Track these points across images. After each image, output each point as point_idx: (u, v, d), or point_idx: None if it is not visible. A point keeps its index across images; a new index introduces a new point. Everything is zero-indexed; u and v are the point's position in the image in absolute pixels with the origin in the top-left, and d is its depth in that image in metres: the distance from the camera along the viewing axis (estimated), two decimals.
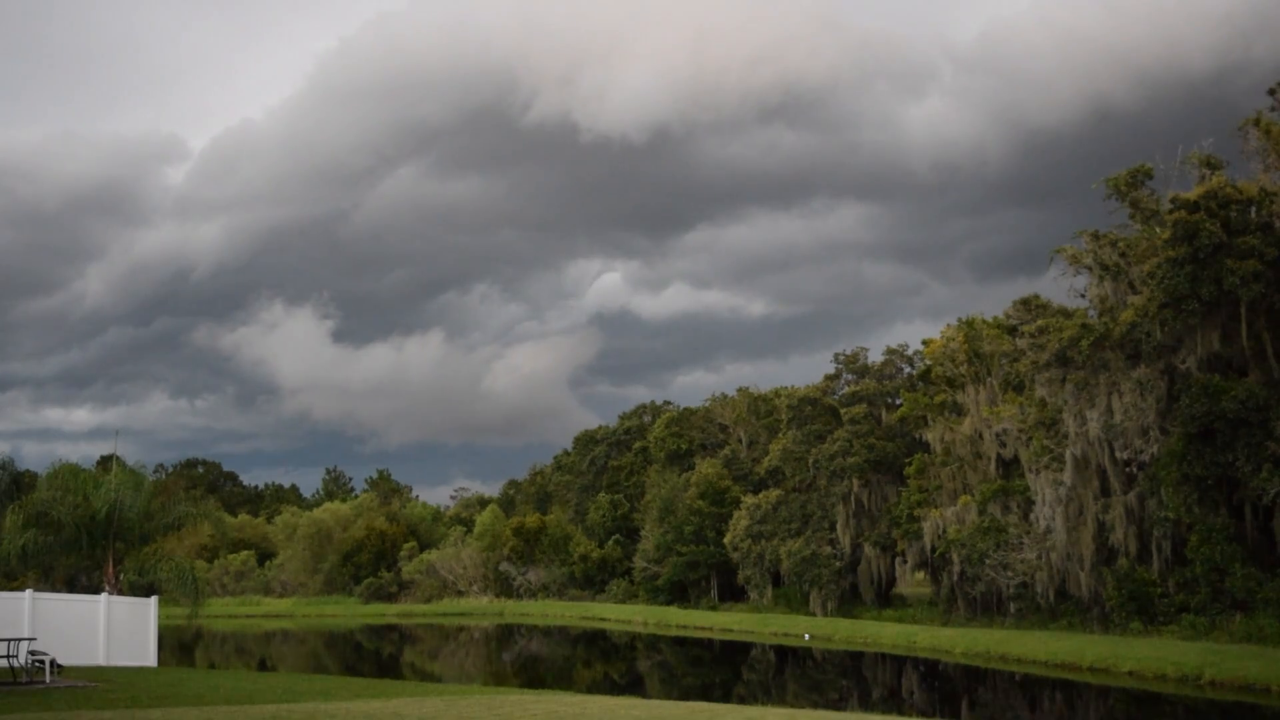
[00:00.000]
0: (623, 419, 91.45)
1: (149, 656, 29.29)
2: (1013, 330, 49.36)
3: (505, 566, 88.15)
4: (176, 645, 54.73)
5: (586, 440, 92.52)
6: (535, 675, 43.78)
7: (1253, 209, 37.13)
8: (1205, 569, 36.95)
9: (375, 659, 54.69)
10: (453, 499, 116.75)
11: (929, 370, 56.52)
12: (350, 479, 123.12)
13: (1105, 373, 40.86)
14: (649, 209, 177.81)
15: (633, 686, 37.84)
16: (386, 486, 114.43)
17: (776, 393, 74.33)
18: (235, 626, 77.10)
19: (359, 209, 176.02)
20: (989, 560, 45.85)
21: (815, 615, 57.93)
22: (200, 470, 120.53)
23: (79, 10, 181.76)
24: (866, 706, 30.30)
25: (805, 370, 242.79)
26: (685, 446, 79.95)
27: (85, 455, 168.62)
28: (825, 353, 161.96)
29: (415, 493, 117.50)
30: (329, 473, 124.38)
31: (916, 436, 55.66)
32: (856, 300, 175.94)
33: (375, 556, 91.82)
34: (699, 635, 59.54)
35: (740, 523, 64.71)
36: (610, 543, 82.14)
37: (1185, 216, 36.64)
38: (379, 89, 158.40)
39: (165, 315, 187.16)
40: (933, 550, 50.73)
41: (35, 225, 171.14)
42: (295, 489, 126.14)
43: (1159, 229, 39.29)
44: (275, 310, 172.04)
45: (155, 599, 30.07)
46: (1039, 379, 44.18)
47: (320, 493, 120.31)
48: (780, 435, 66.43)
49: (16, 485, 37.64)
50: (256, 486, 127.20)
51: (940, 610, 52.48)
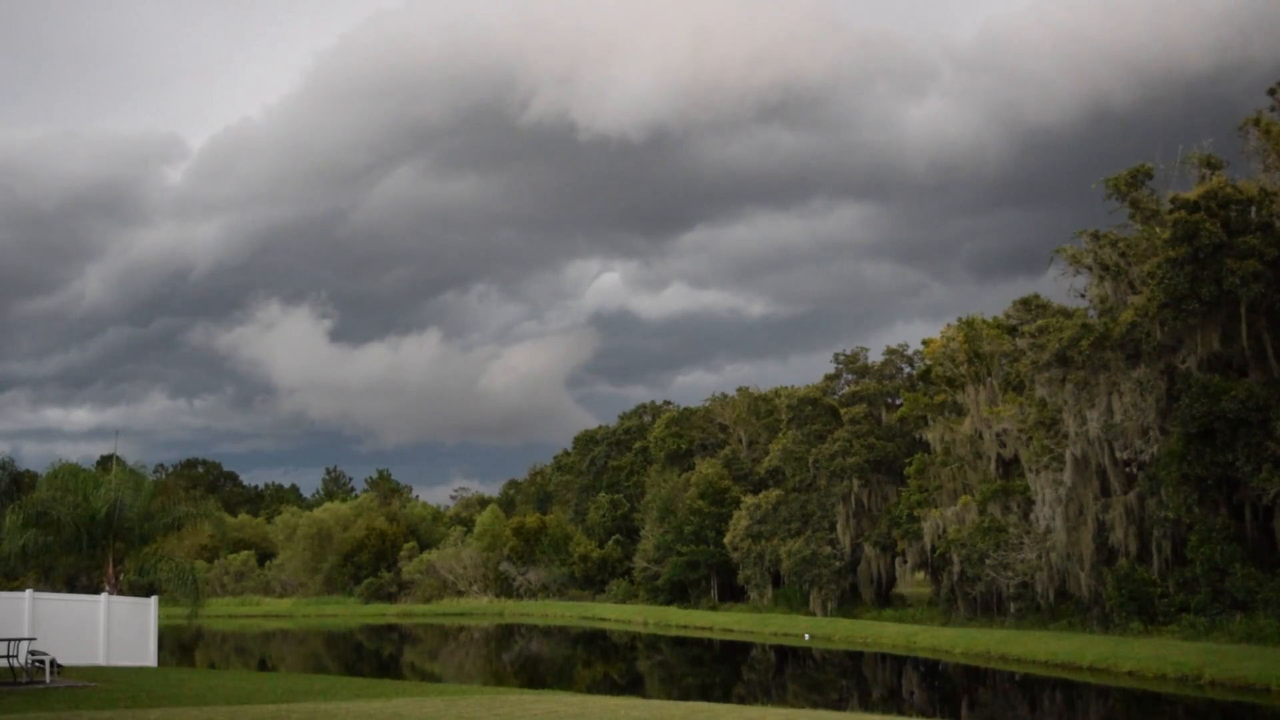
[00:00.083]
0: (623, 419, 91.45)
1: (149, 656, 29.29)
2: (1013, 330, 49.37)
3: (505, 566, 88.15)
4: (176, 645, 54.70)
5: (586, 440, 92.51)
6: (535, 675, 43.77)
7: (1253, 209, 37.14)
8: (1205, 569, 36.95)
9: (375, 659, 54.67)
10: (453, 499, 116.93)
11: (929, 370, 56.52)
12: (350, 479, 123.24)
13: (1105, 373, 40.86)
14: (648, 209, 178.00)
15: (633, 686, 37.83)
16: (386, 486, 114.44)
17: (776, 393, 74.33)
18: (235, 626, 77.08)
19: (357, 208, 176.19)
20: (989, 560, 45.85)
21: (815, 615, 57.93)
22: (200, 470, 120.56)
23: (78, 9, 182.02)
24: (866, 706, 30.29)
25: (805, 370, 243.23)
26: (685, 446, 79.96)
27: (85, 455, 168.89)
28: (825, 353, 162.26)
29: (414, 493, 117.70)
30: (329, 473, 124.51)
31: (916, 436, 55.67)
32: (856, 300, 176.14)
33: (375, 556, 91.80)
34: (699, 635, 59.52)
35: (740, 523, 64.72)
36: (610, 543, 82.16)
37: (1185, 216, 36.65)
38: (377, 88, 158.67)
39: (164, 315, 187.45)
40: (933, 550, 50.73)
41: (34, 225, 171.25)
42: (295, 489, 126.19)
43: (1159, 229, 39.29)
44: (274, 310, 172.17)
45: (155, 599, 30.07)
46: (1039, 379, 44.19)
47: (320, 493, 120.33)
48: (780, 435, 66.43)
49: (16, 485, 37.72)
50: (256, 486, 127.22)
51: (940, 610, 52.47)
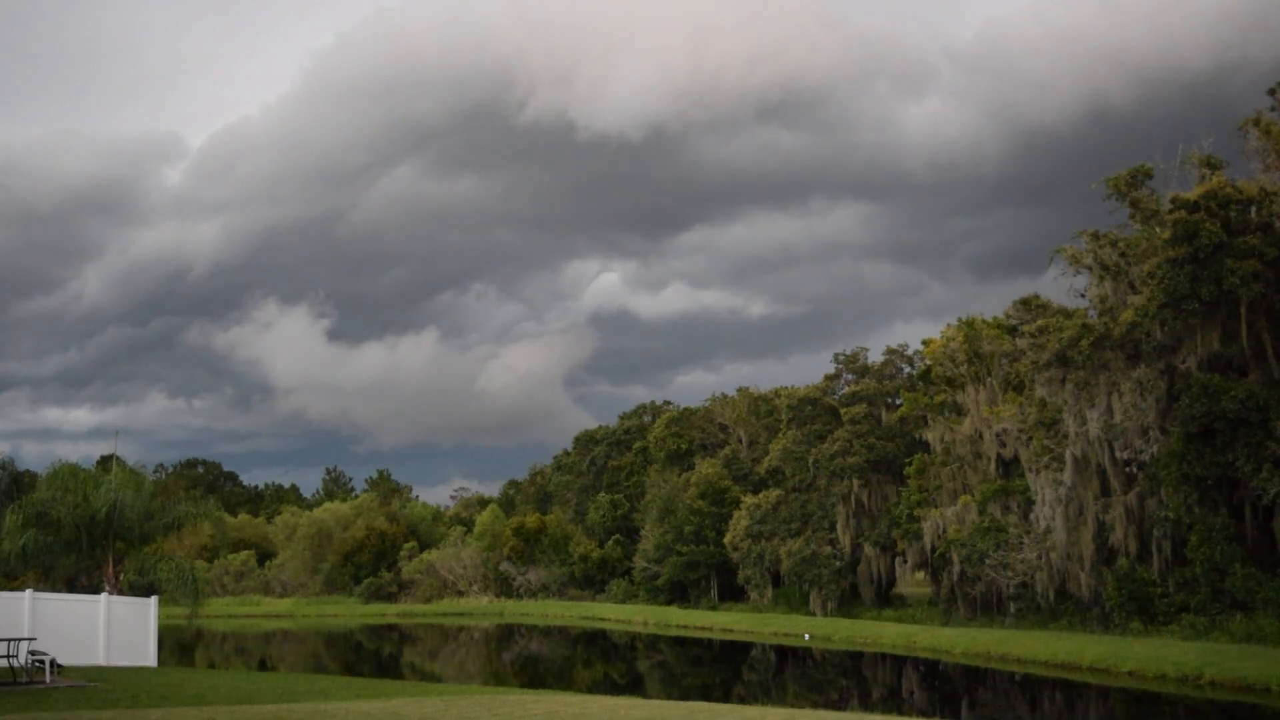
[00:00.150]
0: (623, 419, 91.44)
1: (149, 656, 29.29)
2: (1013, 330, 49.37)
3: (505, 566, 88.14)
4: (176, 645, 54.69)
5: (586, 440, 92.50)
6: (535, 675, 43.77)
7: (1253, 209, 37.13)
8: (1205, 569, 36.94)
9: (375, 659, 54.67)
10: (453, 499, 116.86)
11: (929, 370, 56.51)
12: (350, 479, 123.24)
13: (1105, 373, 40.86)
14: (646, 209, 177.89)
15: (633, 686, 37.83)
16: (386, 486, 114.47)
17: (776, 393, 74.33)
18: (235, 626, 77.08)
19: (355, 209, 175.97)
20: (989, 560, 45.85)
21: (815, 615, 57.93)
22: (200, 470, 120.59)
23: (78, 8, 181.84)
24: (866, 706, 30.29)
25: (805, 370, 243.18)
26: (685, 446, 79.96)
27: (85, 455, 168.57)
28: (825, 353, 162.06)
29: (414, 493, 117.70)
30: (329, 473, 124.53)
31: (916, 436, 55.67)
32: (855, 300, 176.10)
33: (375, 556, 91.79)
34: (699, 635, 59.53)
35: (740, 523, 64.72)
36: (610, 543, 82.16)
37: (1185, 216, 36.64)
38: (376, 87, 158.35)
39: (163, 315, 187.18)
40: (933, 550, 50.73)
41: (33, 224, 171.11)
42: (295, 489, 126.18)
43: (1159, 229, 39.28)
44: (273, 310, 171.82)
45: (155, 599, 30.07)
46: (1039, 379, 44.18)
47: (320, 493, 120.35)
48: (780, 435, 66.42)
49: (16, 485, 37.68)
50: (256, 486, 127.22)
51: (940, 610, 52.47)
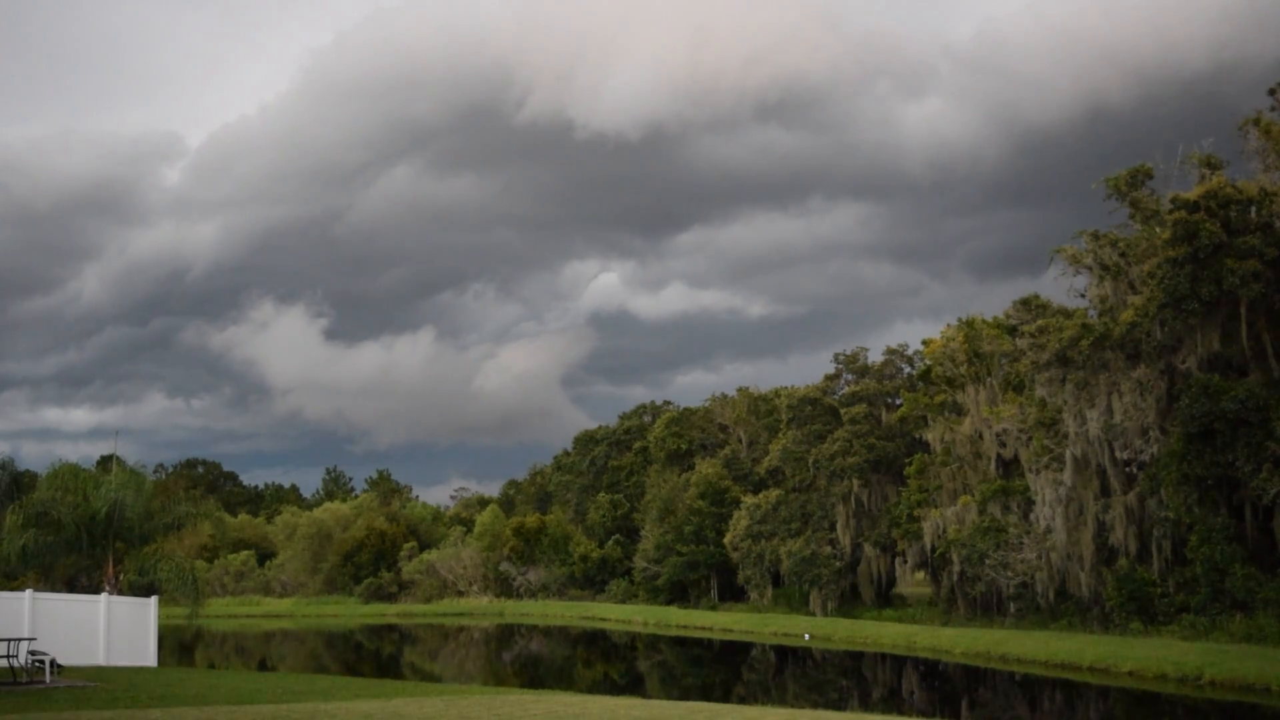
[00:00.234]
0: (623, 419, 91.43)
1: (149, 656, 29.28)
2: (1013, 330, 49.37)
3: (505, 566, 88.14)
4: (176, 645, 54.68)
5: (586, 440, 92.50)
6: (535, 675, 43.77)
7: (1253, 209, 37.14)
8: (1205, 569, 36.95)
9: (375, 659, 54.67)
10: (453, 499, 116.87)
11: (929, 370, 56.53)
12: (350, 479, 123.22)
13: (1105, 373, 40.86)
14: (645, 209, 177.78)
15: (633, 686, 37.82)
16: (386, 486, 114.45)
17: (776, 393, 74.31)
18: (235, 626, 77.08)
19: (353, 208, 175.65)
20: (989, 560, 45.85)
21: (815, 615, 57.93)
22: (200, 470, 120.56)
23: (77, 7, 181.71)
24: (866, 706, 30.29)
25: (804, 370, 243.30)
26: (685, 446, 79.96)
27: (84, 455, 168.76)
28: (824, 353, 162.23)
29: (414, 493, 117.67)
30: (329, 473, 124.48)
31: (916, 436, 55.68)
32: (855, 300, 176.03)
33: (375, 556, 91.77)
34: (699, 635, 59.52)
35: (740, 523, 64.72)
36: (610, 543, 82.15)
37: (1185, 216, 36.65)
38: (374, 85, 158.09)
39: (162, 315, 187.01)
40: (933, 550, 50.73)
41: (31, 224, 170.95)
42: (295, 489, 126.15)
43: (1159, 229, 39.29)
44: (271, 310, 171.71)
45: (155, 599, 30.06)
46: (1039, 379, 44.20)
47: (320, 493, 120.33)
48: (780, 435, 66.43)
49: (16, 485, 37.62)
50: (256, 486, 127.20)
51: (940, 610, 52.48)
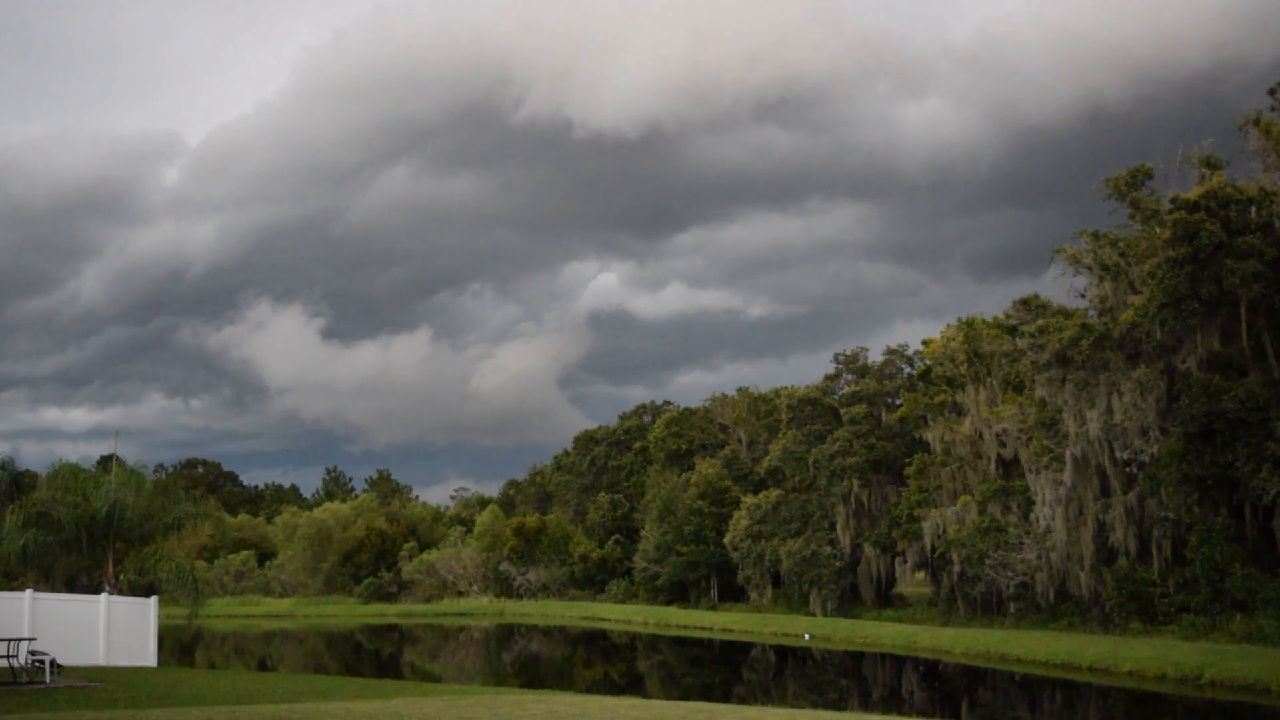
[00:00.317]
0: (623, 419, 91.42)
1: (149, 656, 29.28)
2: (1013, 330, 49.37)
3: (505, 566, 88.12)
4: (176, 645, 54.67)
5: (586, 440, 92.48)
6: (535, 675, 43.77)
7: (1253, 209, 37.14)
8: (1205, 569, 36.95)
9: (375, 659, 54.67)
10: (452, 499, 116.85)
11: (929, 370, 56.53)
12: (350, 479, 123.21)
13: (1105, 373, 40.86)
14: (644, 208, 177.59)
15: (633, 686, 37.83)
16: (386, 486, 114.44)
17: (776, 393, 74.30)
18: (235, 626, 77.07)
19: (351, 207, 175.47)
20: (989, 560, 45.85)
21: (815, 615, 57.92)
22: (200, 470, 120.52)
23: (76, 6, 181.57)
24: (866, 706, 30.30)
25: (804, 370, 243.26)
26: (685, 446, 79.95)
27: (84, 455, 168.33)
28: (824, 353, 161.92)
29: (414, 493, 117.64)
30: (329, 473, 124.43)
31: (916, 436, 55.68)
32: (854, 300, 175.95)
33: (375, 556, 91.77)
34: (699, 635, 59.51)
35: (740, 523, 64.71)
36: (610, 543, 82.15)
37: (1185, 216, 36.65)
38: (372, 84, 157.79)
39: (161, 315, 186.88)
40: (933, 550, 50.73)
41: (30, 223, 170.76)
42: (295, 489, 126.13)
43: (1159, 229, 39.29)
44: (269, 310, 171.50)
45: (155, 599, 30.06)
46: (1039, 379, 44.20)
47: (320, 493, 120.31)
48: (780, 435, 66.43)
49: (16, 485, 37.65)
50: (256, 486, 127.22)
51: (940, 610, 52.47)
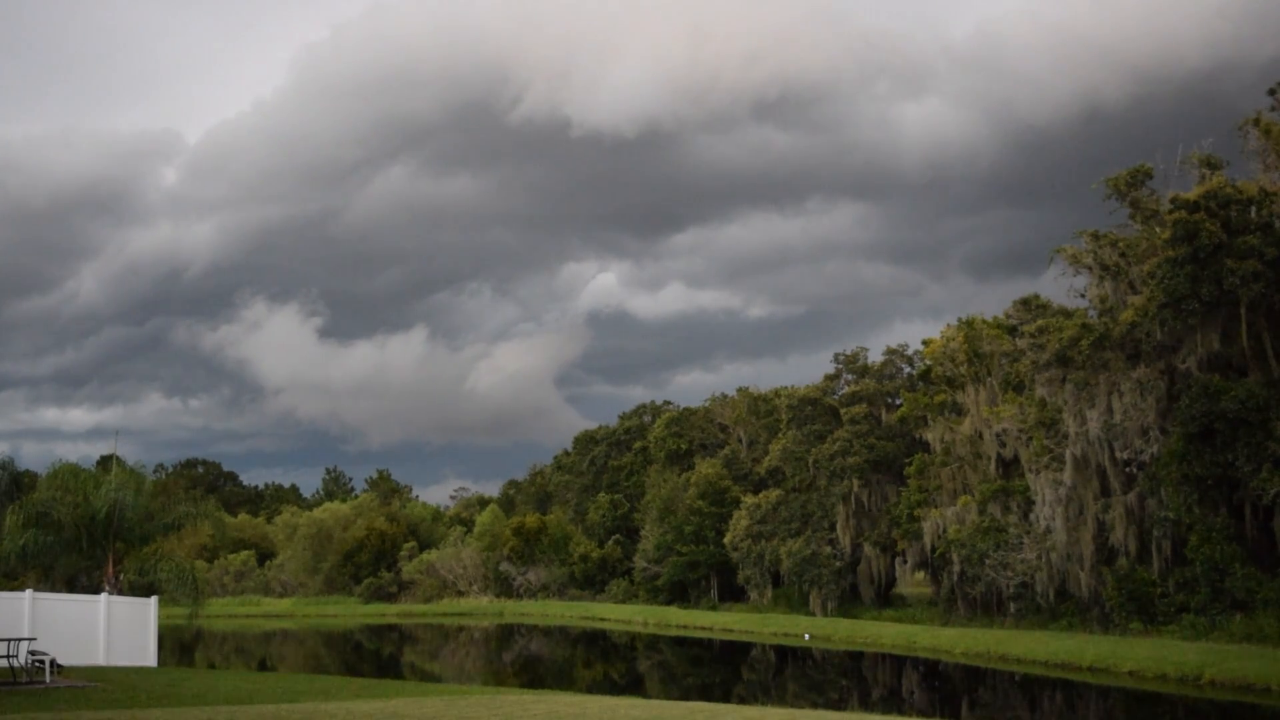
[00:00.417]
0: (623, 419, 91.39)
1: (149, 656, 29.28)
2: (1013, 330, 49.38)
3: (505, 566, 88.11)
4: (176, 645, 54.68)
5: (586, 440, 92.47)
6: (535, 675, 43.78)
7: (1253, 209, 37.14)
8: (1205, 569, 36.95)
9: (375, 659, 54.67)
10: (452, 499, 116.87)
11: (929, 370, 56.53)
12: (350, 479, 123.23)
13: (1105, 373, 40.86)
14: (642, 208, 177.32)
15: (633, 686, 37.83)
16: (386, 486, 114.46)
17: (776, 393, 74.28)
18: (235, 626, 77.08)
19: (350, 206, 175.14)
20: (989, 560, 45.84)
21: (815, 615, 57.92)
22: (200, 470, 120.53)
23: (75, 5, 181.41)
24: (866, 706, 30.30)
25: (804, 370, 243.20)
26: (685, 446, 79.93)
27: (84, 455, 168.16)
28: (823, 353, 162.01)
29: (414, 493, 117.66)
30: (329, 473, 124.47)
31: (916, 436, 55.66)
32: (853, 300, 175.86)
33: (375, 556, 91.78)
34: (699, 635, 59.53)
35: (740, 523, 64.71)
36: (610, 543, 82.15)
37: (1185, 216, 36.65)
38: (369, 82, 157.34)
39: (160, 315, 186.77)
40: (933, 550, 50.72)
41: (28, 222, 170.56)
42: (295, 489, 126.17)
43: (1159, 229, 39.30)
44: (266, 309, 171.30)
45: (155, 599, 30.06)
46: (1039, 379, 44.20)
47: (320, 493, 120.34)
48: (780, 435, 66.41)
49: (16, 485, 37.65)
50: (256, 486, 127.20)
51: (940, 610, 52.47)
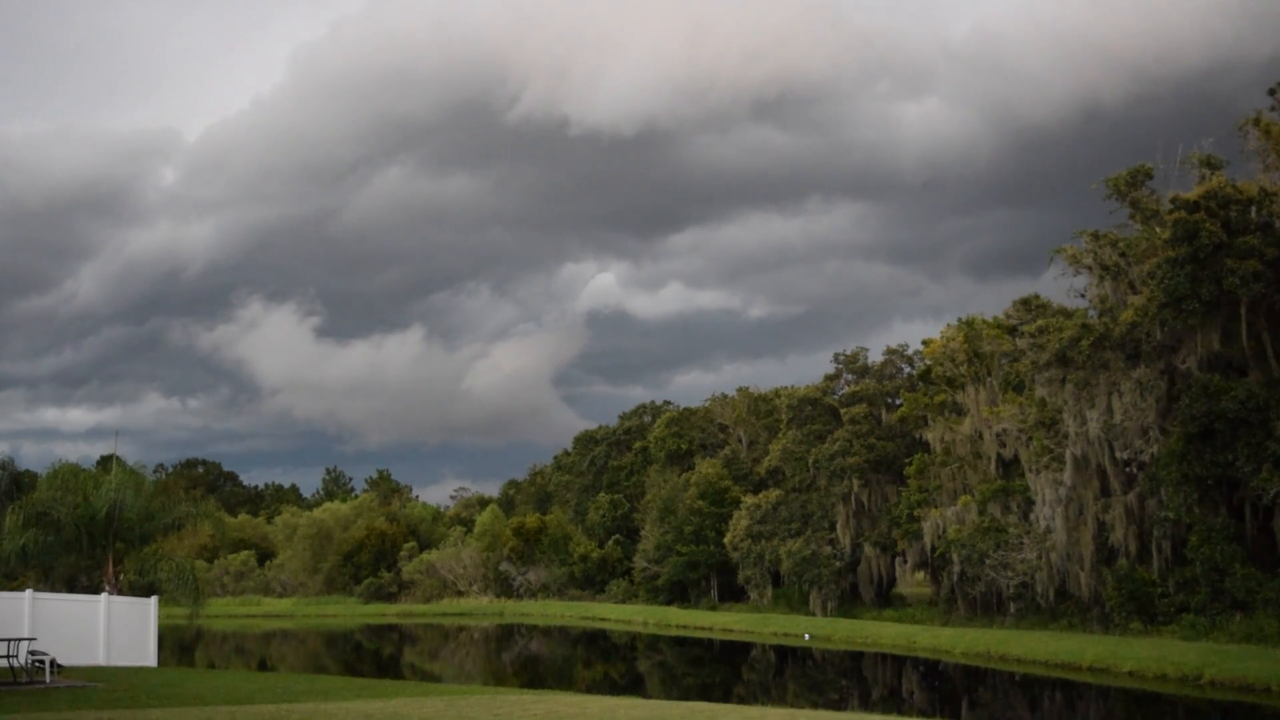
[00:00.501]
0: (623, 419, 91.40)
1: (149, 656, 29.28)
2: (1013, 330, 49.36)
3: (505, 566, 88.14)
4: (176, 645, 54.68)
5: (586, 440, 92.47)
6: (535, 675, 43.78)
7: (1253, 209, 37.14)
8: (1205, 569, 36.94)
9: (375, 659, 54.67)
10: (452, 499, 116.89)
11: (929, 370, 56.53)
12: (350, 479, 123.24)
13: (1105, 373, 40.86)
14: (641, 208, 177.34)
15: (633, 686, 37.83)
16: (386, 486, 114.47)
17: (776, 393, 74.31)
18: (235, 626, 77.08)
19: (348, 206, 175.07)
20: (989, 560, 45.84)
21: (815, 615, 57.92)
22: (200, 470, 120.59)
23: (74, 4, 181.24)
24: (866, 706, 30.29)
25: (803, 370, 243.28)
26: (685, 446, 79.92)
27: (83, 455, 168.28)
28: (822, 353, 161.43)
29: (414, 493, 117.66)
30: (329, 473, 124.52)
31: (916, 436, 55.66)
32: (853, 300, 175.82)
33: (375, 556, 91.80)
34: (699, 635, 59.52)
35: (740, 523, 64.71)
36: (610, 543, 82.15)
37: (1185, 216, 36.65)
38: (367, 80, 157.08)
39: (159, 314, 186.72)
40: (933, 550, 50.72)
41: (27, 222, 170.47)
42: (295, 489, 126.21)
43: (1159, 229, 39.30)
44: (264, 309, 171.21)
45: (155, 599, 30.07)
46: (1039, 379, 44.19)
47: (320, 493, 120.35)
48: (780, 435, 66.42)
49: (16, 485, 37.69)
50: (256, 486, 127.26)
51: (940, 610, 52.47)
